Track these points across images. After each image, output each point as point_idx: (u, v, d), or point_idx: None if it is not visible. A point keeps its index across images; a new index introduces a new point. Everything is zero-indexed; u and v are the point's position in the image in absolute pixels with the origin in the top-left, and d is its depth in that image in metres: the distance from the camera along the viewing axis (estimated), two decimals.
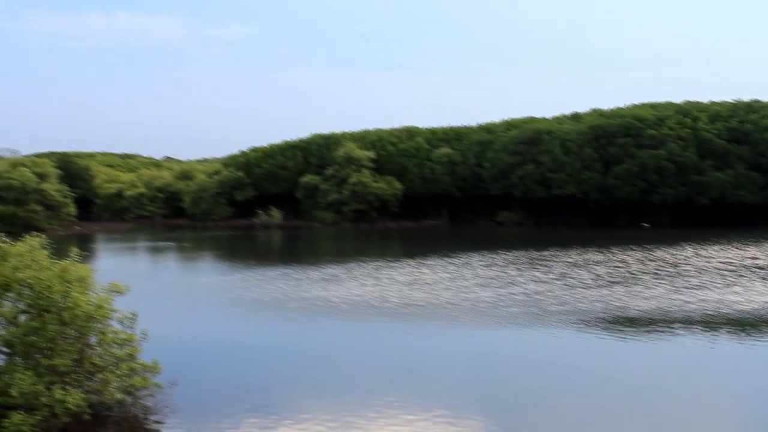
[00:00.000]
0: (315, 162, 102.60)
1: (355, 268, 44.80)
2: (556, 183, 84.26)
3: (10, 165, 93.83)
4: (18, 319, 16.07)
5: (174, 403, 17.17)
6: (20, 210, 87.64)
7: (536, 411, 17.78)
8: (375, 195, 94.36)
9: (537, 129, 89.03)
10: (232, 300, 34.48)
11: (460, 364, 22.38)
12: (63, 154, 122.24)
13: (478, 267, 44.33)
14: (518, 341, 25.49)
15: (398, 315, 29.80)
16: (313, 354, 24.02)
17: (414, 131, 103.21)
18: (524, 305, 31.13)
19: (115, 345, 16.72)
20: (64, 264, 16.60)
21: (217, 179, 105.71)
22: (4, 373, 15.44)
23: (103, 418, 16.17)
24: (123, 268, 49.22)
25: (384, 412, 17.36)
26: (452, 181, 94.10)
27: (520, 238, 71.11)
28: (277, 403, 18.42)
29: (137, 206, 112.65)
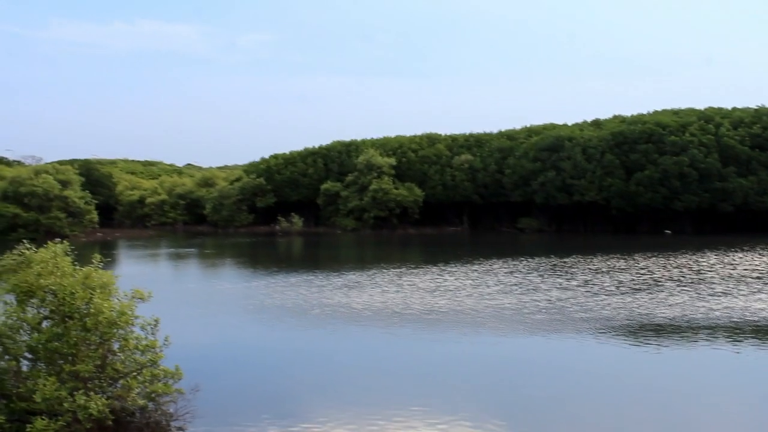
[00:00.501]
0: (336, 169, 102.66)
1: (376, 275, 44.74)
2: (578, 189, 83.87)
3: (34, 172, 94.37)
4: (41, 326, 16.12)
5: (196, 410, 17.16)
6: (43, 217, 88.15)
7: (559, 418, 17.67)
8: (396, 202, 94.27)
9: (558, 135, 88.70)
10: (254, 306, 34.51)
11: (483, 371, 22.28)
12: (85, 161, 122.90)
13: (501, 274, 44.17)
14: (542, 348, 25.34)
15: (421, 322, 29.72)
16: (335, 361, 24.00)
17: (435, 138, 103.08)
18: (548, 312, 30.99)
19: (138, 351, 16.72)
20: (87, 270, 16.64)
21: (238, 186, 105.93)
22: (27, 379, 15.49)
23: (125, 424, 16.18)
24: (145, 274, 49.39)
25: (405, 419, 17.30)
26: (473, 187, 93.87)
27: (542, 244, 70.85)
28: (298, 411, 18.40)
29: (159, 213, 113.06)
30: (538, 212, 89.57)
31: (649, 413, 18.00)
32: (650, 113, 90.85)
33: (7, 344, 15.71)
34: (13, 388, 15.51)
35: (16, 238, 72.84)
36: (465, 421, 17.13)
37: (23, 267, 16.62)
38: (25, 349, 15.93)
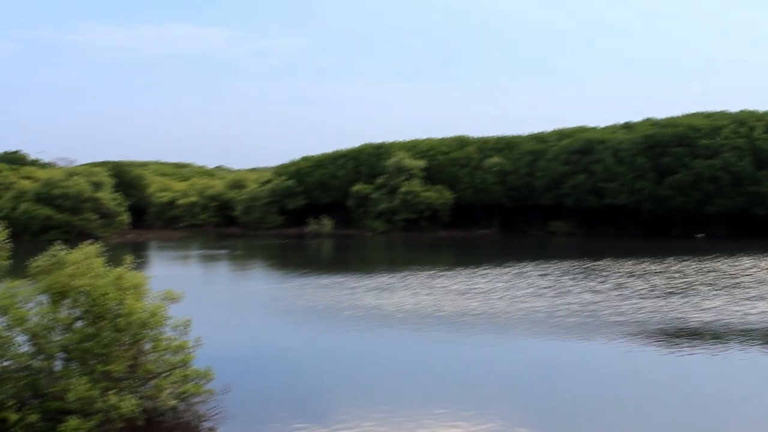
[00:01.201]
0: (366, 171, 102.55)
1: (408, 277, 44.69)
2: (609, 193, 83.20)
3: (66, 174, 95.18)
4: (74, 326, 16.25)
5: (226, 410, 17.23)
6: (75, 218, 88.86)
7: (589, 423, 17.56)
8: (425, 204, 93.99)
9: (589, 138, 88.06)
10: (285, 308, 34.61)
11: (514, 375, 22.19)
12: (117, 164, 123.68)
13: (532, 276, 43.96)
14: (574, 352, 25.21)
15: (453, 324, 29.65)
16: (366, 363, 24.00)
17: (465, 140, 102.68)
18: (580, 315, 30.81)
19: (169, 352, 16.84)
20: (119, 271, 16.77)
21: (268, 188, 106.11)
22: (60, 378, 15.62)
23: (156, 424, 16.27)
24: (176, 275, 49.65)
25: (435, 423, 17.26)
26: (503, 190, 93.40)
27: (573, 248, 70.42)
28: (328, 412, 18.40)
29: (190, 214, 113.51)
30: (568, 215, 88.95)
31: (681, 419, 17.84)
32: (682, 116, 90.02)
33: (40, 344, 15.86)
34: (47, 388, 15.64)
35: (48, 239, 73.35)
36: (494, 426, 17.06)
37: (57, 268, 16.77)
38: (58, 349, 16.06)
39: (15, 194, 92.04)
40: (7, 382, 15.30)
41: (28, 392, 15.57)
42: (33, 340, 15.94)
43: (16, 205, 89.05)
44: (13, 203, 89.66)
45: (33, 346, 15.99)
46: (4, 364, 15.64)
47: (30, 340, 16.00)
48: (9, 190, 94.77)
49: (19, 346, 15.96)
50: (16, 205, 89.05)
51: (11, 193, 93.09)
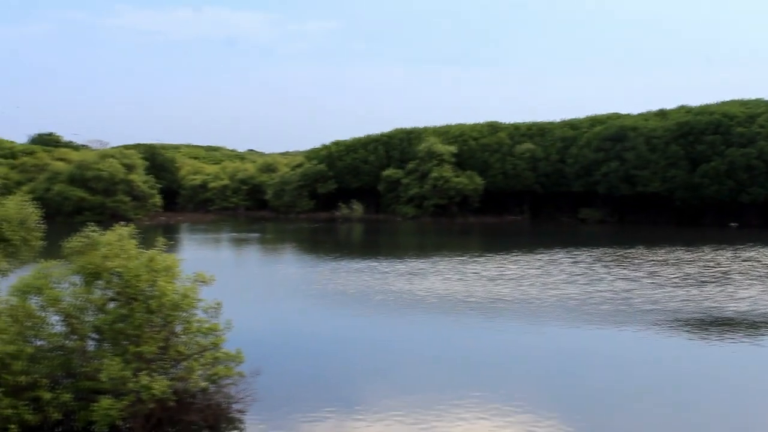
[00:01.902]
0: (397, 156, 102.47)
1: (439, 263, 44.65)
2: (641, 180, 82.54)
3: (99, 156, 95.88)
4: (107, 307, 16.34)
5: (256, 393, 17.27)
6: (108, 200, 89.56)
7: (618, 410, 17.44)
8: (456, 190, 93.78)
9: (622, 125, 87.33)
10: (316, 292, 34.68)
11: (547, 362, 22.08)
12: (150, 146, 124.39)
13: (564, 263, 43.75)
14: (608, 340, 25.05)
15: (485, 310, 29.59)
16: (396, 348, 24.00)
17: (496, 126, 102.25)
18: (613, 303, 30.62)
19: (200, 334, 16.88)
20: (152, 254, 16.82)
21: (299, 172, 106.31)
22: (93, 359, 15.73)
23: (187, 405, 16.34)
24: (207, 258, 49.89)
25: (464, 408, 17.22)
26: (534, 177, 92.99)
27: (604, 235, 69.98)
28: (356, 396, 18.44)
29: (221, 198, 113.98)
30: (599, 202, 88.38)
31: (715, 408, 17.70)
32: (717, 104, 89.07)
33: (74, 324, 15.96)
34: (79, 367, 15.75)
35: (81, 221, 73.85)
36: (523, 412, 16.99)
37: (90, 249, 16.85)
38: (91, 330, 16.16)
39: (49, 175, 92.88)
40: (41, 361, 15.42)
41: (61, 372, 15.69)
42: (66, 320, 16.05)
43: (49, 186, 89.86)
44: (47, 184, 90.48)
45: (66, 326, 16.10)
46: (38, 344, 15.76)
47: (63, 320, 16.11)
48: (43, 171, 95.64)
49: (52, 326, 16.08)
50: (49, 186, 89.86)
51: (45, 174, 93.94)
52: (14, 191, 20.24)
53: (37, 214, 18.87)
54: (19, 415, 14.46)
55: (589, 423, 16.61)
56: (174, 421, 16.00)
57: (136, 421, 15.14)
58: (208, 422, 16.18)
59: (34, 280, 16.16)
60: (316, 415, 16.94)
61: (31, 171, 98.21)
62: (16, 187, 78.50)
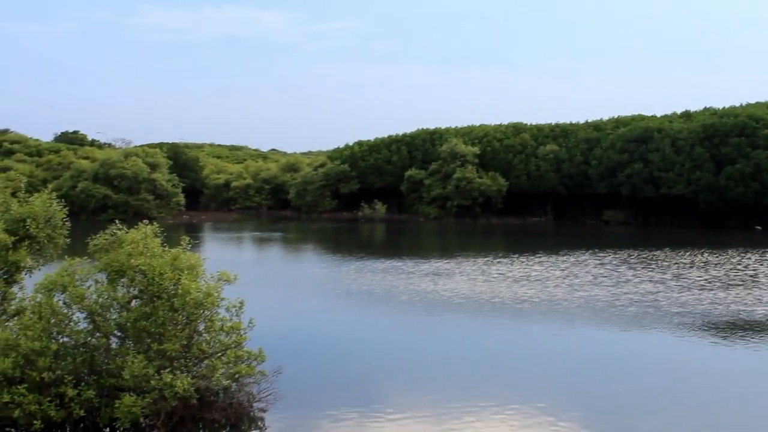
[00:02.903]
0: (420, 157, 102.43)
1: (463, 263, 44.58)
2: (665, 182, 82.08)
3: (124, 155, 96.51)
4: (130, 304, 16.44)
5: (278, 392, 17.32)
6: (132, 198, 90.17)
7: (645, 414, 17.31)
8: (479, 191, 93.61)
9: (647, 127, 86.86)
10: (339, 292, 34.71)
11: (573, 364, 21.92)
12: (173, 145, 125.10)
13: (589, 265, 43.57)
14: (636, 342, 24.84)
15: (511, 312, 29.47)
16: (420, 349, 23.95)
17: (520, 127, 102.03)
18: (641, 305, 30.42)
19: (223, 332, 16.95)
20: (176, 252, 16.90)
21: (322, 172, 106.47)
22: (116, 356, 15.82)
23: (209, 403, 16.41)
24: (230, 257, 50.06)
25: (484, 410, 17.19)
26: (558, 178, 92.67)
27: (628, 237, 69.60)
28: (378, 397, 18.43)
29: (244, 197, 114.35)
30: (623, 204, 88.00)
31: (742, 413, 17.55)
32: (743, 106, 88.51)
33: (98, 321, 16.07)
34: (103, 365, 15.86)
35: (105, 219, 74.64)
36: (544, 413, 16.93)
37: (115, 247, 16.96)
38: (114, 327, 16.27)
39: (73, 173, 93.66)
40: (66, 358, 15.53)
41: (85, 368, 15.79)
42: (90, 317, 16.16)
43: (74, 184, 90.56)
44: (71, 182, 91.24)
45: (90, 323, 16.21)
46: (63, 341, 15.88)
47: (87, 317, 16.21)
48: (68, 169, 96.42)
49: (77, 324, 16.20)
50: (74, 184, 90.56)
51: (70, 172, 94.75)
52: (40, 189, 20.37)
53: (63, 211, 18.94)
54: (43, 411, 14.58)
55: (613, 427, 16.50)
56: (196, 419, 16.08)
57: (158, 419, 15.22)
58: (230, 420, 16.23)
59: (59, 277, 16.29)
60: (338, 414, 16.96)
61: (56, 169, 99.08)
62: (42, 185, 79.02)
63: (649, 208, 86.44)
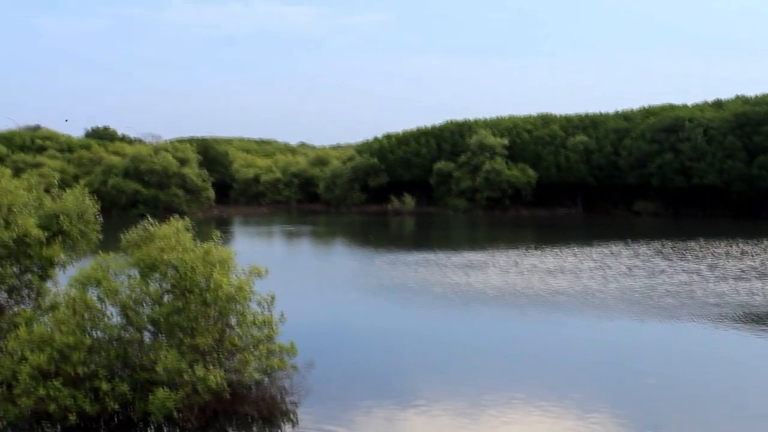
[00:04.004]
0: (448, 149, 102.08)
1: (496, 255, 44.46)
2: (697, 172, 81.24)
3: (153, 150, 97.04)
4: (163, 299, 16.53)
5: (309, 386, 17.37)
6: (162, 193, 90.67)
7: (681, 408, 17.18)
8: (508, 183, 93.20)
9: (677, 116, 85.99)
10: (370, 285, 34.71)
11: (608, 356, 21.74)
12: (203, 140, 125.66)
13: (623, 256, 43.27)
14: (673, 333, 24.59)
15: (545, 303, 29.33)
16: (452, 341, 23.90)
17: (549, 118, 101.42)
18: (677, 296, 30.16)
19: (254, 326, 17.01)
20: (207, 246, 16.98)
21: (351, 165, 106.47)
22: (149, 350, 15.92)
23: (241, 397, 16.48)
24: (260, 251, 50.23)
25: (516, 403, 17.13)
26: (587, 169, 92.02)
27: (660, 228, 69.01)
28: (410, 390, 18.41)
29: (273, 191, 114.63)
30: (654, 195, 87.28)
31: None
32: None
33: (130, 316, 16.17)
34: (136, 359, 15.97)
35: (136, 214, 75.21)
36: (575, 406, 16.84)
37: (147, 242, 17.06)
38: (147, 322, 16.37)
39: (104, 169, 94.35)
40: (99, 352, 15.66)
41: (118, 363, 15.91)
42: (123, 312, 16.27)
43: (105, 179, 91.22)
44: (102, 178, 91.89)
45: (123, 318, 16.33)
46: (97, 335, 16.00)
47: (120, 312, 16.33)
48: (98, 164, 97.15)
49: (110, 318, 16.32)
50: (105, 179, 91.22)
51: (100, 167, 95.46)
52: (72, 185, 20.71)
53: (95, 207, 19.10)
54: (78, 405, 14.72)
55: (645, 420, 16.37)
56: (229, 412, 16.15)
57: (191, 413, 15.30)
58: (263, 414, 16.29)
59: (93, 272, 16.42)
60: (370, 407, 16.98)
61: (87, 164, 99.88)
62: (73, 181, 79.68)
63: (679, 199, 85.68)
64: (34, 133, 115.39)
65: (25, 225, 17.44)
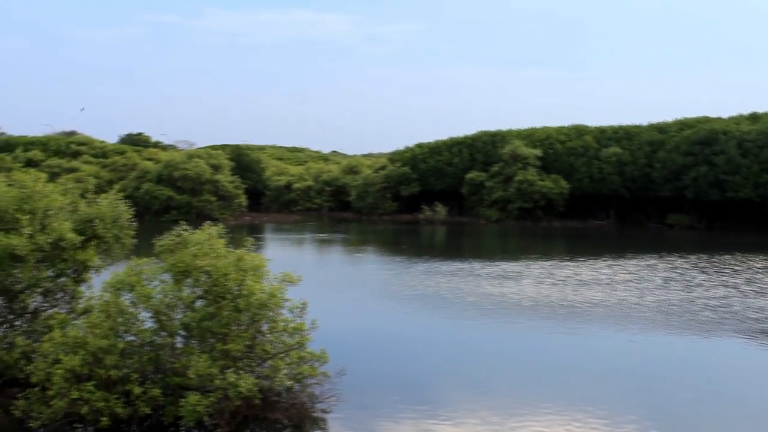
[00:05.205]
0: (481, 159, 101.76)
1: (530, 266, 44.27)
2: (732, 186, 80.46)
3: (187, 156, 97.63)
4: (195, 304, 16.62)
5: (340, 393, 17.38)
6: (195, 199, 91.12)
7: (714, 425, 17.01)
8: (541, 193, 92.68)
9: (712, 129, 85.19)
10: (404, 293, 34.61)
11: (644, 370, 21.52)
12: (236, 147, 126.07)
13: (658, 269, 42.87)
14: (711, 348, 24.35)
15: (581, 315, 29.11)
16: (485, 351, 23.82)
17: (582, 129, 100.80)
18: (715, 310, 29.85)
19: (286, 333, 17.07)
20: (240, 253, 17.07)
21: (382, 174, 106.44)
22: (181, 355, 16.02)
23: (272, 403, 16.54)
24: (292, 258, 50.35)
25: (546, 416, 17.03)
26: (621, 181, 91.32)
27: (694, 241, 68.33)
28: (441, 400, 18.37)
29: (305, 198, 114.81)
30: (688, 208, 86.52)
31: None
32: None
33: (163, 321, 16.28)
34: (168, 363, 16.07)
35: (168, 220, 75.75)
36: (605, 420, 16.72)
37: (180, 247, 17.17)
38: (179, 327, 16.46)
39: (138, 175, 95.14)
40: (132, 356, 15.78)
41: (150, 367, 16.02)
42: (156, 316, 16.38)
43: (138, 185, 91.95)
44: (136, 183, 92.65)
45: (156, 322, 16.44)
46: (129, 339, 16.12)
47: (153, 316, 16.44)
48: (132, 170, 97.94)
49: (143, 323, 16.44)
50: (138, 185, 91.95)
51: (134, 173, 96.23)
52: (106, 190, 20.89)
53: (129, 212, 19.27)
54: (110, 408, 14.83)
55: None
56: (259, 419, 16.22)
57: (222, 418, 15.38)
58: (293, 421, 16.33)
59: (127, 277, 16.56)
60: (400, 416, 16.95)
61: (121, 170, 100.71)
62: (108, 186, 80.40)
63: (714, 212, 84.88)
64: (70, 139, 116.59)
65: (61, 229, 17.60)
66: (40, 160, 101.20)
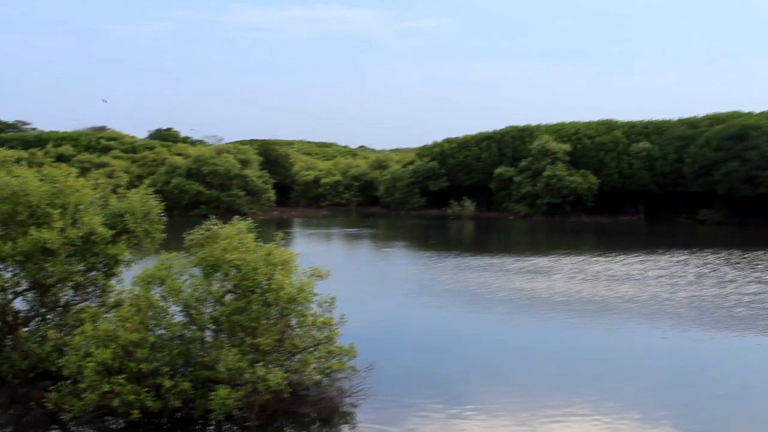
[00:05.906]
0: (509, 154, 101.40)
1: (561, 261, 44.07)
2: (763, 181, 79.50)
3: (216, 151, 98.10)
4: (225, 299, 16.67)
5: (368, 388, 17.38)
6: (223, 194, 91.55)
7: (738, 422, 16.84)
8: (569, 189, 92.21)
9: (744, 124, 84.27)
10: (433, 288, 34.55)
11: (677, 366, 21.38)
12: (264, 142, 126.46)
13: (690, 265, 42.51)
14: (743, 346, 24.09)
15: (613, 310, 28.99)
16: (514, 346, 23.81)
17: (612, 124, 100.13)
18: (749, 306, 29.57)
19: (315, 328, 17.08)
20: (269, 248, 17.10)
21: (411, 169, 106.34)
22: (211, 349, 16.08)
23: (301, 397, 16.57)
24: (320, 252, 50.41)
25: (576, 411, 16.94)
26: (650, 176, 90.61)
27: (726, 237, 67.63)
28: (469, 394, 18.34)
29: (333, 193, 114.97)
30: (718, 203, 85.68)
31: None
32: None
33: (193, 315, 16.34)
34: (198, 357, 16.13)
35: (197, 214, 76.11)
36: (635, 416, 16.60)
37: (210, 242, 17.22)
38: (209, 321, 16.52)
39: (167, 169, 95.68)
40: (162, 350, 15.86)
41: (180, 360, 16.09)
42: (186, 310, 16.45)
43: (168, 180, 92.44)
44: (165, 178, 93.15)
45: (186, 316, 16.51)
46: (159, 333, 16.19)
47: (183, 310, 16.51)
48: (162, 165, 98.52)
49: (173, 316, 16.51)
50: (168, 180, 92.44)
51: (164, 168, 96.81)
52: (136, 185, 20.99)
53: (159, 207, 19.34)
54: (140, 401, 14.91)
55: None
56: (288, 412, 16.25)
57: (251, 411, 15.42)
58: (321, 415, 16.34)
59: (157, 271, 16.64)
60: (428, 411, 16.93)
61: (150, 165, 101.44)
62: (137, 181, 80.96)
63: (745, 208, 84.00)
64: (100, 134, 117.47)
65: (92, 223, 17.69)
66: (70, 155, 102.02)
